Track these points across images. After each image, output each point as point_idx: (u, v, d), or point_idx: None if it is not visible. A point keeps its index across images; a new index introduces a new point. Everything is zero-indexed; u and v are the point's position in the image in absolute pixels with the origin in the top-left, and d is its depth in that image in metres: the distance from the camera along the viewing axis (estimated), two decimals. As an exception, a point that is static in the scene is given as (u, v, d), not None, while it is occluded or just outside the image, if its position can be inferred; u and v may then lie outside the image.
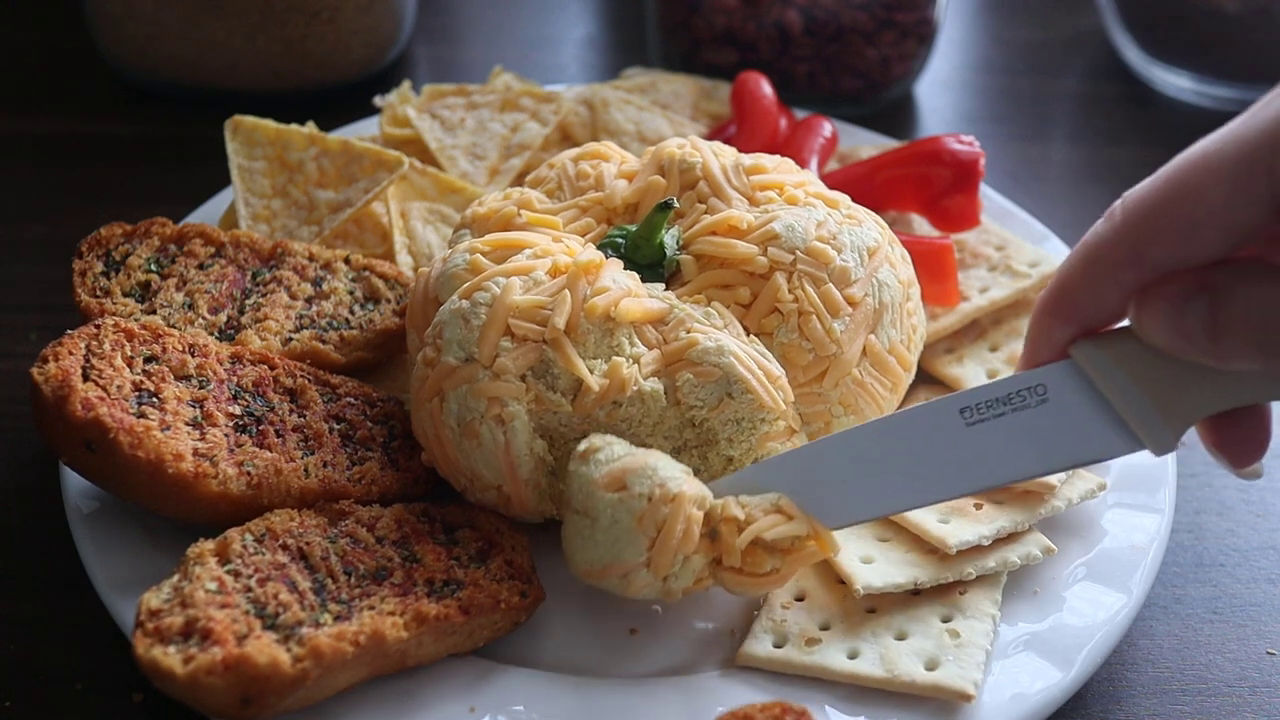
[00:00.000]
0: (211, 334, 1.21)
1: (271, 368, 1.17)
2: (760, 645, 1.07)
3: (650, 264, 1.15)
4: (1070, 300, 0.93)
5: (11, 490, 1.23)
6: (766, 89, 1.50)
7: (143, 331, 1.13)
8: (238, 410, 1.12)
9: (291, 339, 1.22)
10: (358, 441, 1.16)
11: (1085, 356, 0.95)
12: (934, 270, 1.31)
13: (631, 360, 1.08)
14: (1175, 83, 1.74)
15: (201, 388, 1.12)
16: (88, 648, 1.10)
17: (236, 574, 1.02)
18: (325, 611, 1.00)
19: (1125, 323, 0.93)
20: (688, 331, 1.09)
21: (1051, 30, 1.93)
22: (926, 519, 1.12)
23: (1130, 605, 1.10)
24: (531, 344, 1.08)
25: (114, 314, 1.19)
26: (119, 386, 1.08)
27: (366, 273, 1.30)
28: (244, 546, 1.03)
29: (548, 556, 1.13)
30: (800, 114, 1.55)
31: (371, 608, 1.01)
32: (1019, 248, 1.39)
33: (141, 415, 1.07)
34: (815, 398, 1.13)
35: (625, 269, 1.14)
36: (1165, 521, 1.16)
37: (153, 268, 1.25)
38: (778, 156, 1.24)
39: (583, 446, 1.03)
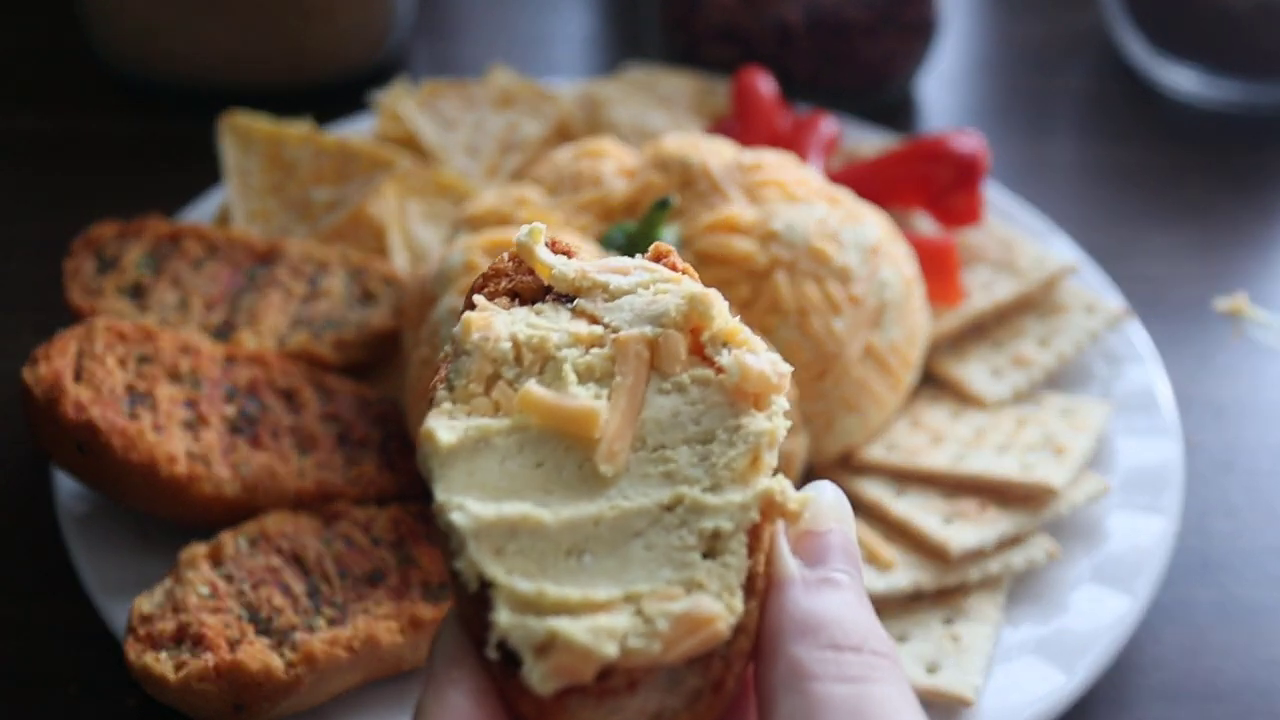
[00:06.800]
0: (205, 334, 1.19)
1: (266, 368, 1.16)
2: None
3: (649, 262, 1.14)
4: None
5: (2, 493, 1.21)
6: (767, 85, 1.48)
7: (135, 331, 1.11)
8: (232, 411, 1.11)
9: (286, 339, 1.21)
10: (354, 442, 1.15)
11: None
12: (937, 268, 1.29)
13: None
14: (1180, 79, 1.73)
15: (195, 388, 1.11)
16: (81, 651, 1.08)
17: (229, 577, 1.00)
18: (319, 616, 0.99)
19: None
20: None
21: (1055, 26, 1.92)
22: (929, 522, 1.11)
23: (1136, 609, 1.08)
24: (529, 344, 1.06)
25: (106, 314, 1.18)
26: (111, 388, 1.06)
27: (362, 272, 1.29)
28: (237, 549, 1.02)
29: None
30: (802, 110, 1.54)
31: (366, 611, 1.00)
32: (1023, 245, 1.37)
33: (134, 417, 1.06)
34: (816, 397, 1.11)
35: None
36: (1171, 524, 1.15)
37: (146, 267, 1.23)
38: (779, 153, 1.22)
39: None
